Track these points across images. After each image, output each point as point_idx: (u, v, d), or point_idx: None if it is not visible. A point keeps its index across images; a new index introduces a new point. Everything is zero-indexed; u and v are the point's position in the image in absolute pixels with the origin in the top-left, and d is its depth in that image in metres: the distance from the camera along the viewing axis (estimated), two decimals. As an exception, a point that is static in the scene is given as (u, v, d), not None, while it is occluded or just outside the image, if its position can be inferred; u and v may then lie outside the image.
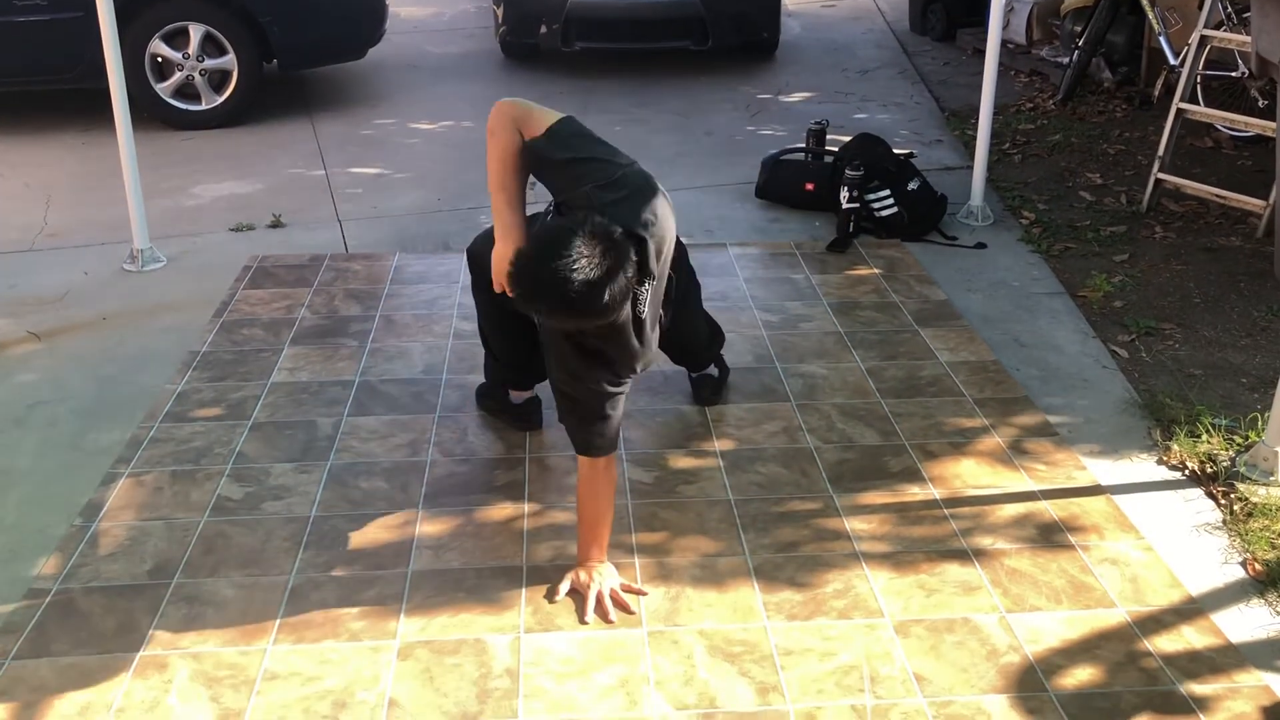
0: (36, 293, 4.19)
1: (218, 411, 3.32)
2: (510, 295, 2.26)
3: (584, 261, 2.12)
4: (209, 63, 6.24)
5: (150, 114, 6.16)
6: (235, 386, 3.46)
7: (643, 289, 2.36)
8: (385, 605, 2.52)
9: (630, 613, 2.50)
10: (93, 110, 6.03)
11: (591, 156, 2.43)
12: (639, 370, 2.54)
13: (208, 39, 6.20)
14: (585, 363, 2.45)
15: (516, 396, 3.23)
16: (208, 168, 5.65)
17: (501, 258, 2.49)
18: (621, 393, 2.53)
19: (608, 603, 2.50)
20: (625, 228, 2.27)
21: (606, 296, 2.17)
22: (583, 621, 2.48)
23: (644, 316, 2.41)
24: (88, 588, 2.58)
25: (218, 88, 6.32)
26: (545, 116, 2.48)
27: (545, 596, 2.56)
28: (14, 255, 4.57)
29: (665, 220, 2.42)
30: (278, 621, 2.47)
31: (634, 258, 2.24)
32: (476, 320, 3.21)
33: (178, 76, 6.21)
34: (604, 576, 2.55)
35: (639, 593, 2.56)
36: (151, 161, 5.44)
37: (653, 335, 2.53)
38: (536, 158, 2.48)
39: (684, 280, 2.94)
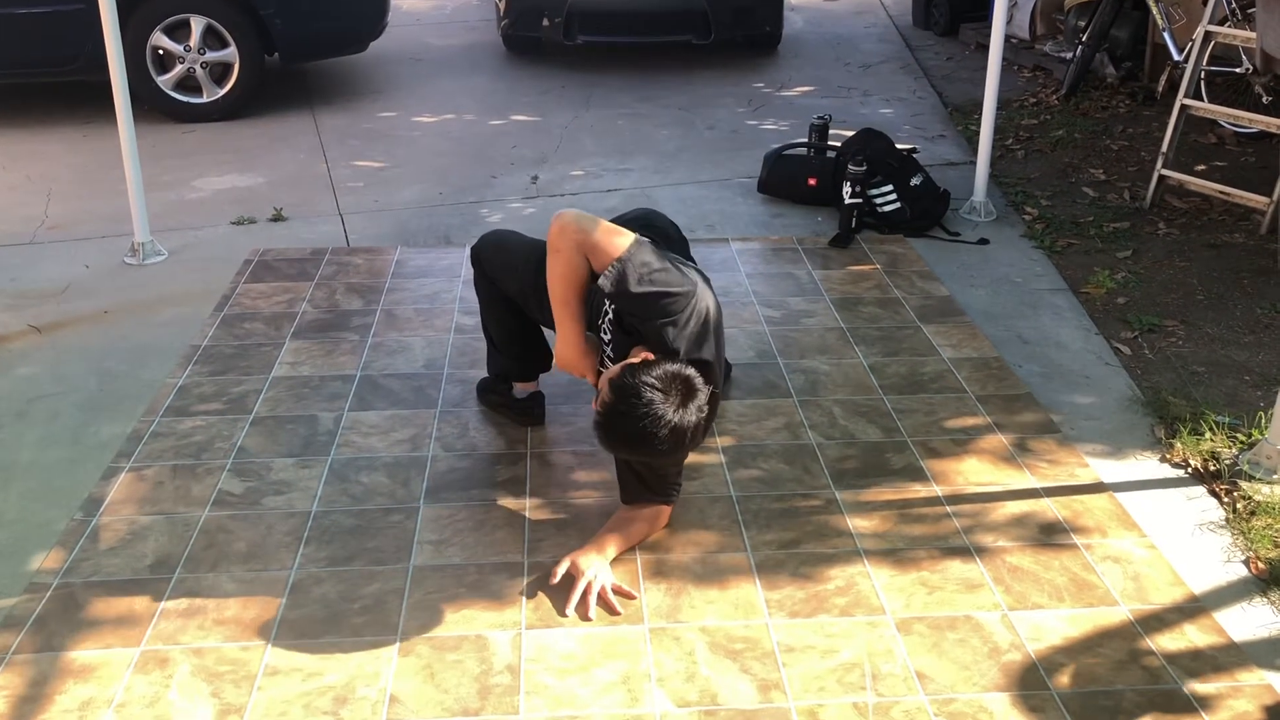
0: (38, 286, 4.19)
1: (219, 406, 3.31)
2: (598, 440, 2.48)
3: (664, 410, 2.33)
4: (210, 55, 6.23)
5: (151, 107, 6.16)
6: (236, 381, 3.45)
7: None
8: (386, 601, 2.52)
9: (615, 614, 2.49)
10: (94, 103, 6.02)
11: (661, 292, 2.48)
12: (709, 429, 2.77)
13: (209, 31, 6.19)
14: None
15: (520, 390, 3.23)
16: (209, 161, 5.65)
17: (566, 362, 2.72)
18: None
19: (592, 598, 2.50)
20: (693, 358, 2.48)
21: (690, 433, 2.40)
22: (561, 614, 2.48)
23: (706, 410, 2.51)
24: (89, 582, 2.58)
25: (219, 80, 6.31)
26: (611, 244, 2.50)
27: (542, 581, 2.56)
28: (15, 248, 4.56)
29: (720, 326, 2.62)
30: (278, 617, 2.47)
31: (701, 381, 2.43)
32: (480, 314, 3.21)
33: (179, 69, 6.20)
34: (600, 571, 2.55)
35: (629, 595, 2.55)
36: (152, 154, 5.45)
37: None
38: (609, 294, 2.54)
39: None
